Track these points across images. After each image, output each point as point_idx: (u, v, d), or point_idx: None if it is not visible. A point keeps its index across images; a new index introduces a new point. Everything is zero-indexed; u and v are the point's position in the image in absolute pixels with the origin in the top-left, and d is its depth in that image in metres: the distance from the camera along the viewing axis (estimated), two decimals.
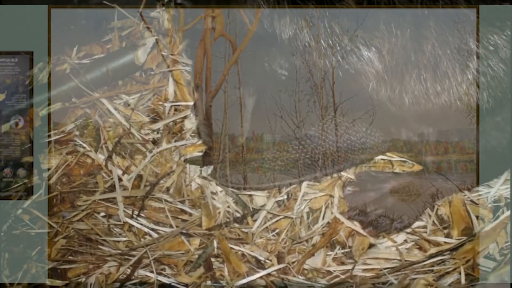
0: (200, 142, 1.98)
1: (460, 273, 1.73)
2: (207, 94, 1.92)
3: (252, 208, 1.93)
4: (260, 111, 1.92)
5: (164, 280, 1.79)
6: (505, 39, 1.72)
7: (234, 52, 1.89)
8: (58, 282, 1.80)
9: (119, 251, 1.86)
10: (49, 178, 1.97)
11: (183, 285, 1.77)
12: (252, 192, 1.94)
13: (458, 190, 1.90)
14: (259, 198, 1.95)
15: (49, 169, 1.98)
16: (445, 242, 1.85)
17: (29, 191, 1.96)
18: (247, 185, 1.94)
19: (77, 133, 2.04)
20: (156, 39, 2.07)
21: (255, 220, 1.91)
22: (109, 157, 1.98)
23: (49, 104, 2.03)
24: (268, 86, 1.91)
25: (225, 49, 1.91)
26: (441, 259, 1.81)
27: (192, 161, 1.99)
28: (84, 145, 2.01)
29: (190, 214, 1.93)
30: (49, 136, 2.01)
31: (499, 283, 1.71)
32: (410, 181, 1.96)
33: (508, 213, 1.87)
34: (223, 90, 1.91)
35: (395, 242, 1.87)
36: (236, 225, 1.91)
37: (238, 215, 1.93)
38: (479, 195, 1.93)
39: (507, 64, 1.73)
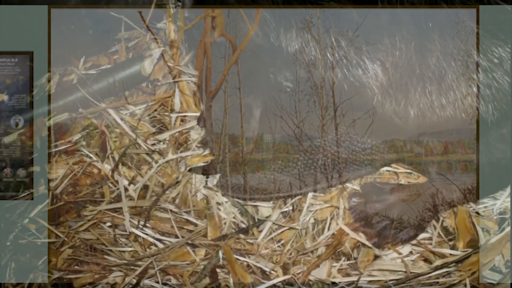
0: (206, 152, 1.98)
1: (465, 285, 1.73)
2: (207, 94, 1.92)
3: (258, 219, 1.93)
4: (260, 111, 1.92)
5: None
6: (509, 52, 1.72)
7: (234, 52, 1.90)
8: None
9: (125, 261, 1.87)
10: (56, 187, 1.98)
11: None
12: (257, 203, 1.95)
13: (458, 190, 1.89)
14: (265, 209, 1.96)
15: (55, 179, 1.98)
16: (450, 254, 1.85)
17: (29, 191, 1.97)
18: (252, 195, 1.94)
19: (84, 143, 2.04)
20: (162, 50, 2.08)
21: (261, 231, 1.92)
22: (116, 167, 1.98)
23: (55, 115, 2.03)
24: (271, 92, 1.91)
25: (225, 49, 1.92)
26: (446, 271, 1.81)
27: (196, 169, 2.00)
28: (91, 155, 2.02)
29: (196, 225, 1.94)
30: (56, 146, 2.01)
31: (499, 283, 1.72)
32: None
33: None
34: (223, 90, 1.92)
35: (400, 253, 1.87)
36: (242, 235, 1.92)
37: (243, 225, 1.93)
38: (485, 207, 1.93)
39: (510, 76, 1.73)
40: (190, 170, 1.99)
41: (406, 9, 1.76)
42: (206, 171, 1.98)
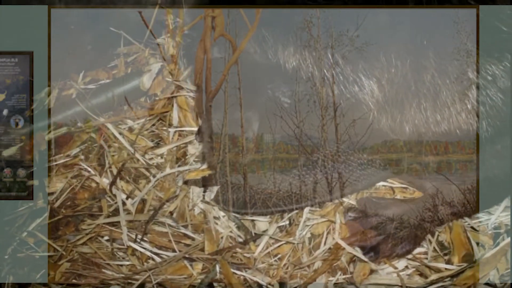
0: (203, 167, 1.99)
1: None
2: (207, 94, 1.93)
3: (255, 233, 1.95)
4: (260, 111, 1.94)
5: None
6: (503, 69, 1.75)
7: (234, 52, 1.91)
8: None
9: (123, 275, 1.88)
10: (54, 201, 1.99)
11: None
12: (254, 217, 1.96)
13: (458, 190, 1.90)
14: (262, 223, 1.97)
15: (54, 193, 2.00)
16: (445, 269, 1.86)
17: (29, 191, 1.98)
18: (250, 210, 1.95)
19: (82, 157, 2.06)
20: (161, 65, 2.10)
21: (258, 245, 1.93)
22: (114, 181, 2.00)
23: (54, 129, 2.05)
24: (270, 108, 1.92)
25: (225, 49, 1.93)
26: (442, 285, 1.82)
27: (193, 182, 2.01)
28: (89, 169, 2.03)
29: (193, 239, 1.95)
30: (55, 160, 2.03)
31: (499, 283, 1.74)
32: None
33: (508, 239, 1.89)
34: (223, 90, 1.93)
35: (396, 268, 1.88)
36: (239, 250, 1.93)
37: (240, 240, 1.95)
38: (480, 221, 1.95)
39: (505, 94, 1.76)
40: (186, 183, 2.00)
41: (402, 26, 1.79)
42: (205, 182, 1.99)
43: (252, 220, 1.97)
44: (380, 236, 1.88)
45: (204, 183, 1.99)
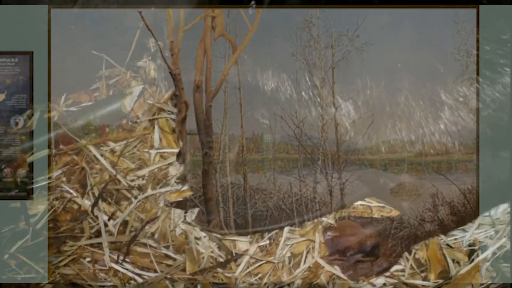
0: (184, 188, 2.02)
1: None
2: (207, 94, 1.96)
3: (235, 253, 1.97)
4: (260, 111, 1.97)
5: None
6: (473, 91, 1.80)
7: (234, 52, 1.94)
8: None
9: None
10: (36, 223, 1.99)
11: None
12: (235, 238, 1.98)
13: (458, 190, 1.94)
14: (242, 243, 1.99)
15: (35, 215, 2.00)
16: (422, 285, 1.90)
17: (28, 192, 1.99)
18: (230, 230, 1.98)
19: (64, 179, 2.07)
20: (142, 88, 2.13)
21: (238, 265, 1.95)
22: (95, 203, 2.01)
23: (36, 151, 2.05)
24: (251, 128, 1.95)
25: (225, 49, 1.96)
26: None
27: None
28: (71, 191, 2.04)
29: (175, 259, 1.96)
30: (37, 182, 2.04)
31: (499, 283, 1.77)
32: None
33: (483, 255, 1.93)
34: (223, 90, 1.96)
35: (374, 286, 1.91)
36: (220, 270, 1.94)
37: (221, 260, 1.96)
38: (455, 239, 1.99)
39: (475, 114, 1.81)
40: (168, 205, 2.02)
41: (375, 47, 1.84)
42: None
43: (233, 240, 1.99)
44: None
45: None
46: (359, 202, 2.04)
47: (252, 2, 1.82)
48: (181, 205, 2.03)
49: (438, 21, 1.82)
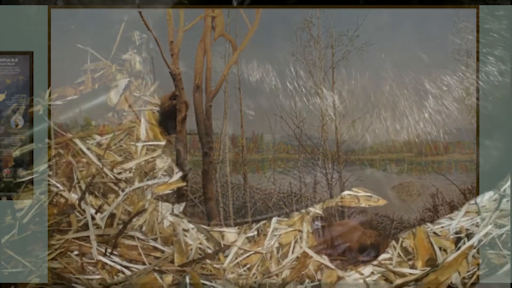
0: (172, 180, 2.01)
1: None
2: (207, 94, 1.96)
3: (223, 244, 1.97)
4: (260, 111, 1.97)
5: None
6: (457, 79, 1.81)
7: (234, 52, 1.94)
8: None
9: None
10: (22, 217, 1.98)
11: None
12: (223, 229, 1.98)
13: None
14: (230, 234, 1.99)
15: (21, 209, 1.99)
16: (410, 273, 1.91)
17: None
18: (220, 221, 1.98)
19: (50, 173, 2.06)
20: (128, 80, 2.12)
21: (226, 256, 1.95)
22: (82, 197, 2.00)
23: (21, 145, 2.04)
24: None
25: (225, 49, 1.96)
26: None
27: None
28: (58, 184, 2.03)
29: (163, 251, 1.96)
30: (23, 176, 2.03)
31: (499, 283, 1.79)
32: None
33: (469, 243, 1.95)
34: (223, 90, 1.95)
35: (362, 274, 1.92)
36: (208, 261, 1.95)
37: (209, 251, 1.97)
38: (442, 227, 2.00)
39: (459, 103, 1.82)
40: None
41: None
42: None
43: (221, 232, 1.99)
44: None
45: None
46: (346, 192, 2.05)
47: None
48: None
49: (438, 21, 1.83)
